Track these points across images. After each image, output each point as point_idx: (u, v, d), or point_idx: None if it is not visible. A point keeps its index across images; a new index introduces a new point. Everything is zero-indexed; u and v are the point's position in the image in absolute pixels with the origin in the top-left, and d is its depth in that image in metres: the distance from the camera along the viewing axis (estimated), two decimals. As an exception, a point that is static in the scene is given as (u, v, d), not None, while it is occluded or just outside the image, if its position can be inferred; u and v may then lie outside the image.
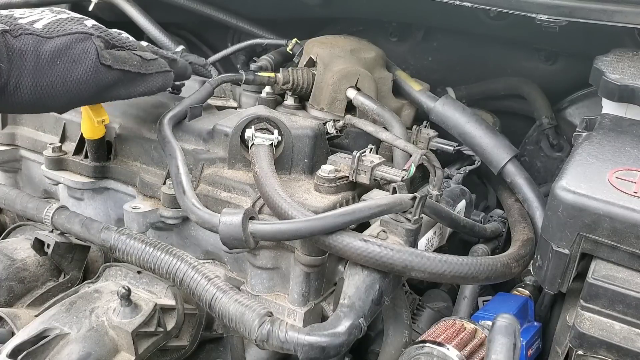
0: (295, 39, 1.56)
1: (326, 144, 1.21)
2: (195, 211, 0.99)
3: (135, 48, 1.07)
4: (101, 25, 1.02)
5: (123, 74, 1.01)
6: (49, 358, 0.92)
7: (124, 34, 1.08)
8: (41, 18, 0.95)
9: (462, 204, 1.30)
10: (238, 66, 1.87)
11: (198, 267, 0.97)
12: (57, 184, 1.30)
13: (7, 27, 0.88)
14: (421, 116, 1.45)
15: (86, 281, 1.13)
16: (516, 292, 1.27)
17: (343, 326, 0.90)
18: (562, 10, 1.15)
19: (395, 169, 1.11)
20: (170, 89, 1.35)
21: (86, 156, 1.24)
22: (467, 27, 1.56)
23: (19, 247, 1.18)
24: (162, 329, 1.03)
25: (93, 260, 1.26)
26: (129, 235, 1.04)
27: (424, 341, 0.97)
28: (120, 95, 1.05)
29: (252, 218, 0.94)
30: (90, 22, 1.00)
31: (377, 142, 1.24)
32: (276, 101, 1.39)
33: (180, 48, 1.61)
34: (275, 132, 1.11)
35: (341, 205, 1.08)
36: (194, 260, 0.99)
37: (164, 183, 1.14)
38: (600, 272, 0.83)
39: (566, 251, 0.86)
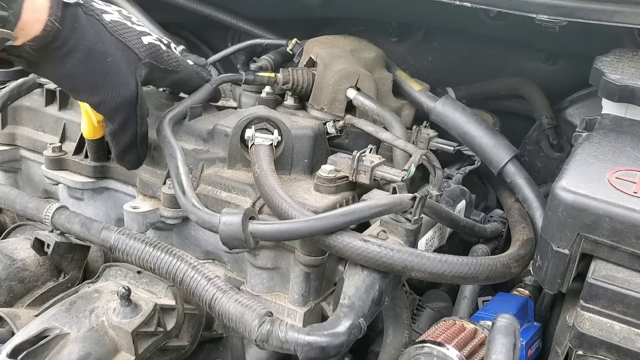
0: (295, 39, 1.56)
1: (326, 144, 1.21)
2: (195, 211, 0.99)
3: (179, 70, 1.14)
4: (157, 44, 1.09)
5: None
6: (49, 358, 0.92)
7: (175, 53, 1.14)
8: (112, 13, 1.03)
9: (462, 204, 1.30)
10: (238, 66, 1.87)
11: (198, 267, 0.97)
12: (57, 184, 1.30)
13: (82, 2, 0.95)
14: (421, 116, 1.45)
15: (86, 281, 1.13)
16: (516, 292, 1.27)
17: (343, 326, 0.90)
18: (562, 10, 1.15)
19: (395, 169, 1.11)
20: (169, 89, 1.35)
21: (86, 156, 1.24)
22: (467, 27, 1.56)
23: (19, 247, 1.18)
24: (162, 329, 1.03)
25: (93, 260, 1.26)
26: (128, 235, 1.04)
27: (423, 341, 0.97)
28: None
29: (252, 218, 0.94)
30: (148, 39, 1.06)
31: (377, 142, 1.24)
32: (276, 101, 1.39)
33: (180, 48, 1.61)
34: (275, 132, 1.11)
35: (341, 205, 1.08)
36: (194, 260, 0.99)
37: (164, 183, 1.14)
38: (600, 272, 0.83)
39: (566, 251, 0.86)
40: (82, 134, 1.23)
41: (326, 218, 0.93)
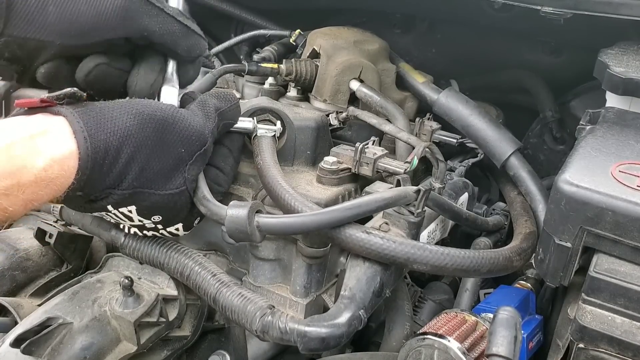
0: (298, 30, 1.56)
1: (329, 135, 1.21)
2: (205, 203, 0.97)
3: None
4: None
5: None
6: (52, 347, 0.93)
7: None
8: None
9: (464, 196, 1.30)
10: (241, 57, 1.86)
11: (203, 263, 0.99)
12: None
13: None
14: (424, 108, 1.45)
15: (89, 271, 1.13)
16: (518, 285, 1.27)
17: (343, 317, 0.90)
18: (567, 2, 1.14)
19: (397, 161, 1.11)
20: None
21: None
22: (471, 19, 1.55)
23: (22, 236, 1.19)
24: (164, 319, 1.03)
25: (96, 250, 1.26)
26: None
27: (425, 333, 0.97)
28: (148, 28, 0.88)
29: (258, 211, 0.93)
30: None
31: (380, 134, 1.24)
32: (279, 92, 1.39)
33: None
34: (278, 123, 1.11)
35: (344, 197, 1.08)
36: (201, 258, 1.01)
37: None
38: (602, 266, 0.83)
39: (568, 244, 0.86)
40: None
41: (333, 212, 0.92)
